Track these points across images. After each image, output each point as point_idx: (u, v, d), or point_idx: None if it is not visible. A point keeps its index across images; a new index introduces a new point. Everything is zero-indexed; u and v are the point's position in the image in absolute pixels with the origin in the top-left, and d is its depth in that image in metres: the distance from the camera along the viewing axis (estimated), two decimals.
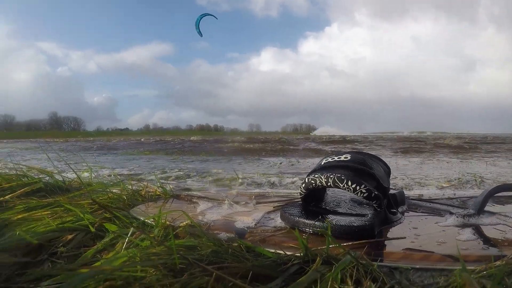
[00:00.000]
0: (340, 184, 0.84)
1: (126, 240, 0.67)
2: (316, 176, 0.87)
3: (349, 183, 0.84)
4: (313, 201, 0.96)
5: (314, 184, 0.87)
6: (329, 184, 0.85)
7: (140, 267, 0.55)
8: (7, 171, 1.79)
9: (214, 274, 0.51)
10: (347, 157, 0.92)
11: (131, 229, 0.69)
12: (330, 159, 0.93)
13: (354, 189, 0.83)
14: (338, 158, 0.92)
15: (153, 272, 0.54)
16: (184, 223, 0.78)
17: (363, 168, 0.89)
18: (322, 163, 0.93)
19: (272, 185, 1.86)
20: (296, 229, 0.69)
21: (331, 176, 0.85)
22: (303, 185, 0.90)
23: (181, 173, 2.52)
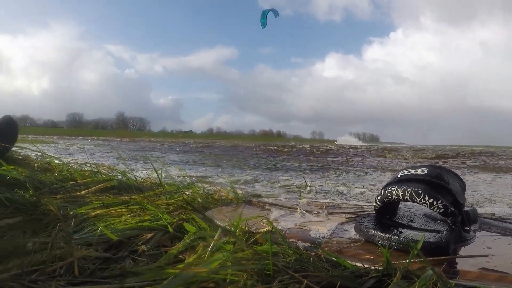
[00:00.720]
0: (417, 198, 0.83)
1: (212, 243, 0.70)
2: (393, 189, 0.86)
3: (426, 198, 0.82)
4: (386, 214, 0.95)
5: (390, 197, 0.86)
6: (405, 197, 0.84)
7: (231, 271, 0.58)
8: (78, 166, 1.92)
9: (305, 282, 0.53)
10: (424, 171, 0.90)
11: (219, 231, 0.72)
12: (406, 172, 0.92)
13: (431, 204, 0.82)
14: (414, 171, 0.91)
15: (245, 277, 0.56)
16: (264, 229, 0.81)
17: (440, 182, 0.87)
18: (398, 176, 0.92)
19: (341, 194, 1.86)
20: (386, 247, 0.69)
21: (408, 189, 0.84)
22: (379, 198, 0.89)
23: (249, 177, 2.57)
